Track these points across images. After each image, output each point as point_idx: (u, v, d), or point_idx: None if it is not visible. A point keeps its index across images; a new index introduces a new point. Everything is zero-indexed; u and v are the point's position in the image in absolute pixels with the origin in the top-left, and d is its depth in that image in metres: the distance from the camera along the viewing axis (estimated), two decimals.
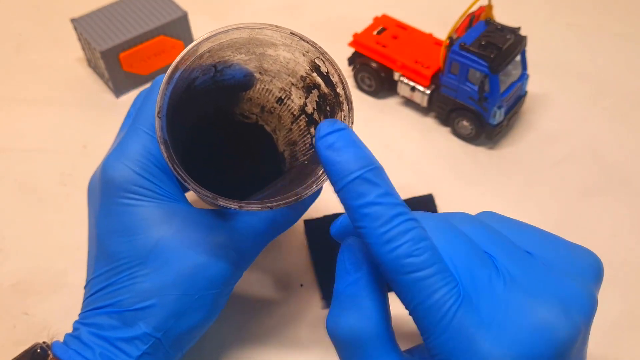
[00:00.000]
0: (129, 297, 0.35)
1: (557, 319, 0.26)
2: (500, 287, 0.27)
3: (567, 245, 0.31)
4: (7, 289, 0.47)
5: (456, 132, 0.57)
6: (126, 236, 0.35)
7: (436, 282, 0.26)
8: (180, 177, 0.32)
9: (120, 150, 0.37)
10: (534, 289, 0.27)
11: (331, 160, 0.27)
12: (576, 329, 0.27)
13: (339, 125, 0.27)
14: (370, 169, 0.27)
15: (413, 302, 0.26)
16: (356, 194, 0.26)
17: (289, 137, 0.42)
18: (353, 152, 0.27)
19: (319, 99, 0.37)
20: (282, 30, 0.35)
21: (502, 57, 0.51)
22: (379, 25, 0.60)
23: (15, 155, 0.57)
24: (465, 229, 0.29)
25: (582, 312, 0.27)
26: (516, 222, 0.32)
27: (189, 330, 0.36)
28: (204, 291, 0.36)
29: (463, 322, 0.26)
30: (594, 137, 0.57)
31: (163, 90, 0.32)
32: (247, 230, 0.37)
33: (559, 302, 0.27)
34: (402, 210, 0.26)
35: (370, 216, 0.26)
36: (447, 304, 0.26)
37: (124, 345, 0.34)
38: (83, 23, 0.60)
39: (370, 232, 0.26)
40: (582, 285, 0.28)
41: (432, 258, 0.26)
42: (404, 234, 0.26)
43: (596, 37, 0.67)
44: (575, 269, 0.29)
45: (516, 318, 0.26)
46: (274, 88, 0.40)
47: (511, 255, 0.28)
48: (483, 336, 0.26)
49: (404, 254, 0.26)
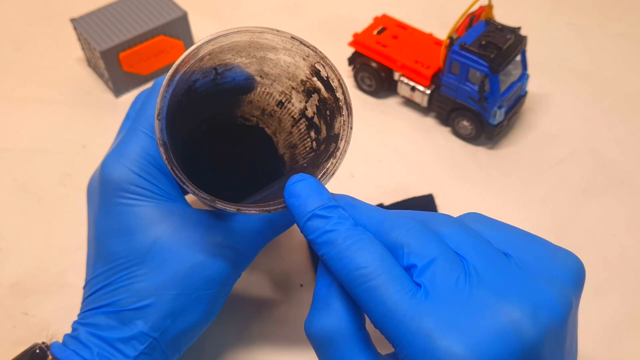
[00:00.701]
0: (126, 296, 0.35)
1: (523, 319, 0.26)
2: (466, 288, 0.27)
3: (549, 248, 0.31)
4: (7, 289, 0.47)
5: (456, 132, 0.57)
6: (124, 236, 0.35)
7: (389, 289, 0.27)
8: (178, 180, 0.32)
9: (118, 151, 0.37)
10: (503, 290, 0.27)
11: (293, 205, 0.31)
12: (543, 330, 0.26)
13: (300, 177, 0.32)
14: (323, 207, 0.30)
15: (372, 311, 0.28)
16: (313, 228, 0.30)
17: (289, 140, 0.42)
18: (310, 196, 0.31)
19: (319, 103, 0.37)
20: (283, 34, 0.35)
21: (503, 57, 0.51)
22: (379, 25, 0.60)
23: (15, 155, 0.57)
24: (443, 231, 0.30)
25: (552, 314, 0.27)
26: (500, 224, 0.32)
27: (186, 331, 0.36)
28: (201, 291, 0.36)
29: (421, 324, 0.26)
30: (594, 137, 0.56)
31: (163, 93, 0.32)
32: (245, 231, 0.37)
33: (527, 303, 0.27)
34: (353, 232, 0.29)
35: (326, 243, 0.29)
36: (402, 308, 0.27)
37: (121, 345, 0.34)
38: (83, 23, 0.60)
39: (327, 256, 0.29)
40: (556, 288, 0.28)
41: (381, 267, 0.28)
42: (354, 251, 0.28)
43: (596, 37, 0.66)
44: (552, 272, 0.29)
45: (480, 318, 0.26)
46: (275, 91, 0.40)
47: (485, 257, 0.29)
48: (443, 336, 0.26)
49: (354, 267, 0.28)
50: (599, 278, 0.46)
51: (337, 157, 0.34)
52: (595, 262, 0.47)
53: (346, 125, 0.35)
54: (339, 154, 0.34)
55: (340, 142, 0.34)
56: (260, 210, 0.33)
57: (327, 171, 0.34)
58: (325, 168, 0.34)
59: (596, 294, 0.45)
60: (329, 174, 0.34)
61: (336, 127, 0.35)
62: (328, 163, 0.34)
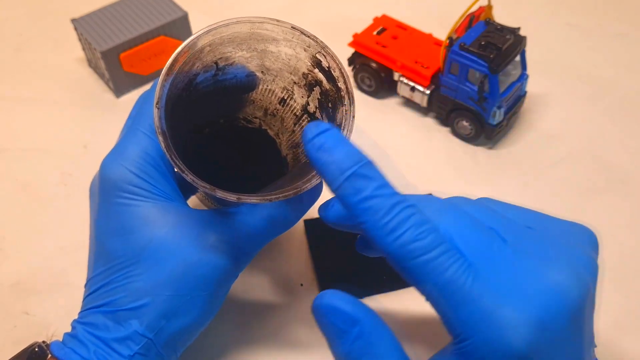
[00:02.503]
0: (123, 296, 0.35)
1: (569, 280, 0.27)
2: (509, 255, 0.28)
3: (563, 222, 0.32)
4: (7, 289, 0.47)
5: (456, 132, 0.57)
6: (121, 235, 0.35)
7: (445, 261, 0.27)
8: (177, 168, 0.31)
9: (117, 151, 0.37)
10: (541, 255, 0.28)
11: (323, 161, 0.28)
12: (587, 289, 0.28)
13: (325, 127, 0.28)
14: (362, 164, 0.27)
15: (427, 285, 0.27)
16: (353, 190, 0.27)
17: (291, 140, 0.41)
18: (343, 150, 0.28)
19: (321, 96, 0.37)
20: (283, 24, 0.35)
21: (502, 57, 0.51)
22: (378, 25, 0.61)
23: (15, 155, 0.57)
24: (467, 209, 0.30)
25: (590, 273, 0.29)
26: (512, 205, 0.33)
27: (182, 331, 0.36)
28: (196, 291, 0.35)
29: (478, 293, 0.26)
30: (594, 137, 0.57)
31: (162, 81, 0.32)
32: (244, 230, 0.37)
33: (567, 265, 0.28)
34: (400, 199, 0.27)
35: (370, 210, 0.27)
36: (461, 279, 0.26)
37: (116, 345, 0.34)
38: (83, 23, 0.60)
39: (372, 225, 0.27)
40: (586, 253, 0.29)
41: (436, 239, 0.27)
42: (406, 221, 0.27)
43: (596, 37, 0.67)
44: (576, 240, 0.30)
45: (529, 283, 0.27)
46: (277, 88, 0.40)
47: (514, 229, 0.30)
48: (500, 304, 0.26)
49: (409, 240, 0.26)
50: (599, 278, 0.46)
51: None
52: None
53: (348, 114, 0.34)
54: None
55: (342, 131, 0.34)
56: (262, 199, 0.32)
57: None
58: None
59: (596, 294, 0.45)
60: None
61: (338, 118, 0.35)
62: None
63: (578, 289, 0.28)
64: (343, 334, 0.28)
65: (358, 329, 0.27)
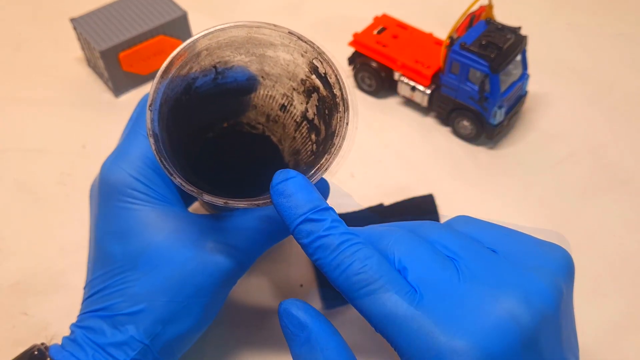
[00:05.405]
0: (120, 301, 0.35)
1: (519, 307, 0.27)
2: (460, 285, 0.28)
3: (535, 242, 0.32)
4: (6, 289, 0.47)
5: (456, 132, 0.56)
6: (120, 239, 0.35)
7: (387, 291, 0.28)
8: (166, 170, 0.31)
9: (118, 154, 0.37)
10: (495, 282, 0.28)
11: (283, 206, 0.30)
12: (538, 316, 0.27)
13: (290, 175, 0.30)
14: (317, 210, 0.29)
15: (372, 315, 0.28)
16: (305, 232, 0.29)
17: (293, 146, 0.41)
18: (301, 197, 0.30)
19: (319, 102, 0.37)
20: (280, 29, 0.34)
21: (503, 57, 0.50)
22: (379, 24, 0.60)
23: (15, 155, 0.57)
24: (431, 236, 0.31)
25: (544, 299, 0.28)
26: (486, 224, 0.33)
27: (177, 338, 0.36)
28: (193, 298, 0.35)
29: (421, 323, 0.27)
30: (594, 137, 0.56)
31: (156, 84, 0.32)
32: (242, 237, 0.36)
33: (519, 291, 0.27)
34: (348, 237, 0.29)
35: (320, 248, 0.29)
36: (402, 309, 0.27)
37: (113, 350, 0.34)
38: (82, 23, 0.60)
39: (322, 261, 0.29)
40: (545, 276, 0.29)
41: (379, 271, 0.28)
42: (351, 256, 0.28)
43: (596, 37, 0.66)
44: (540, 263, 0.30)
45: (477, 311, 0.27)
46: (277, 94, 0.40)
47: (474, 255, 0.29)
48: (443, 332, 0.26)
49: (353, 273, 0.28)
50: (599, 278, 0.46)
51: (332, 153, 0.33)
52: (595, 262, 0.47)
53: (342, 121, 0.34)
54: (333, 150, 0.33)
55: (335, 138, 0.34)
56: (249, 204, 0.32)
57: (320, 167, 0.33)
58: (319, 164, 0.33)
59: (596, 294, 0.45)
60: (322, 170, 0.33)
61: (333, 125, 0.35)
62: (322, 159, 0.33)
63: (530, 315, 0.27)
64: (294, 337, 0.30)
65: (306, 334, 0.29)
